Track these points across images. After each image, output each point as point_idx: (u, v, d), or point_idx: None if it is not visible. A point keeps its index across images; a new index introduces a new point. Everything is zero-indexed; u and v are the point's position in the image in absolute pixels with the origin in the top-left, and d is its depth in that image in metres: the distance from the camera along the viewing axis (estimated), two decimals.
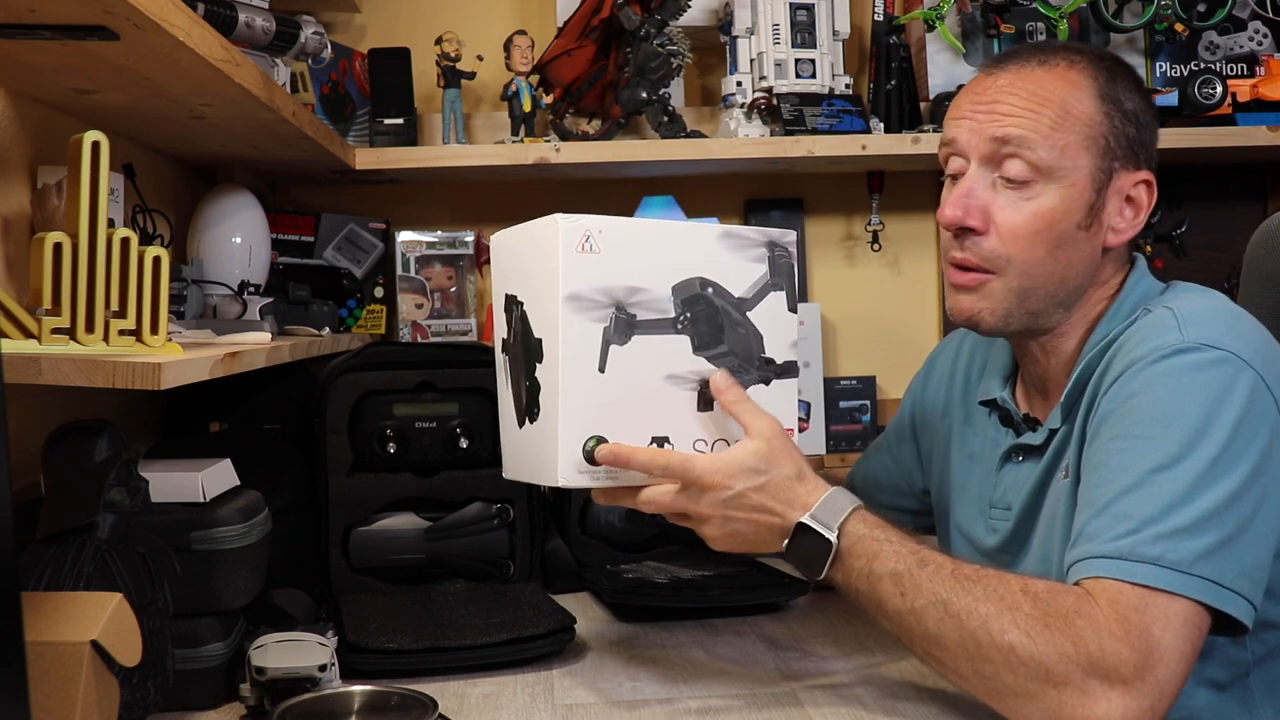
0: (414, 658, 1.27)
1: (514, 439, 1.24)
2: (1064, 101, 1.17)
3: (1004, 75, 1.20)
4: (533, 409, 1.17)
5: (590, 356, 1.12)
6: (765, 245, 1.20)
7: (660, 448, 1.14)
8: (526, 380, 1.17)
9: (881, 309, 2.29)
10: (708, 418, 1.17)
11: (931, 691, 1.19)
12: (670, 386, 1.15)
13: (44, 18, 0.99)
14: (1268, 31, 2.14)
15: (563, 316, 1.10)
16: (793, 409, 1.22)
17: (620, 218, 1.14)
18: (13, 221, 1.25)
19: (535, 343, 1.15)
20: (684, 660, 1.32)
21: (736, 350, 1.18)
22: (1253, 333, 1.12)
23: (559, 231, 1.11)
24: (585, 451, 1.12)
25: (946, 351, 1.49)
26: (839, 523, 1.11)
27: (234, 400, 1.72)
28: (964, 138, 1.20)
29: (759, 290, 1.20)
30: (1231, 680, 1.13)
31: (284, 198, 2.17)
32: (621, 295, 1.13)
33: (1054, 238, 1.17)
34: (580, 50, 2.05)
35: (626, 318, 1.13)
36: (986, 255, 1.18)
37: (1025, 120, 1.16)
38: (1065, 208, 1.17)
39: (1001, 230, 1.17)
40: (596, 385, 1.12)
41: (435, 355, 1.62)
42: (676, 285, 1.15)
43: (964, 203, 1.18)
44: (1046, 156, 1.16)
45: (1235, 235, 2.24)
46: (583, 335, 1.11)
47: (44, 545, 1.02)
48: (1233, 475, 1.02)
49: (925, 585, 1.06)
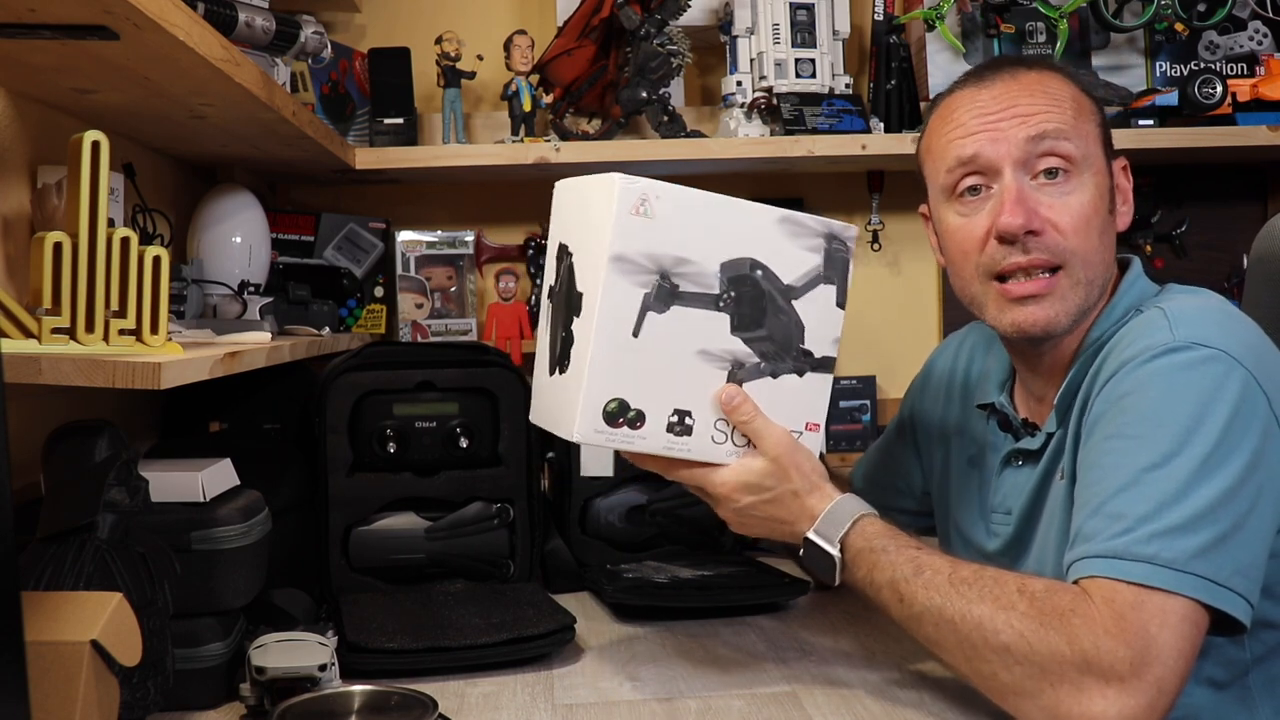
0: (414, 658, 1.27)
1: (543, 385, 1.24)
2: (1072, 93, 1.20)
3: (996, 84, 1.20)
4: (564, 360, 1.17)
5: (627, 319, 1.12)
6: (824, 237, 1.19)
7: (681, 421, 1.15)
8: (563, 331, 1.17)
9: (881, 309, 2.29)
10: None
11: (932, 691, 1.19)
12: (701, 362, 1.15)
13: (44, 18, 0.99)
14: (1268, 31, 2.14)
15: (606, 276, 1.10)
16: (823, 404, 1.21)
17: (682, 186, 1.13)
18: (13, 221, 1.25)
19: (577, 296, 1.15)
20: (684, 660, 1.32)
21: (775, 336, 1.17)
22: (1244, 331, 1.12)
23: (615, 191, 1.10)
24: (605, 412, 1.12)
25: (945, 354, 1.49)
26: (840, 535, 1.14)
27: (234, 400, 1.72)
28: (988, 149, 1.18)
29: (809, 280, 1.18)
30: (1230, 679, 1.13)
31: (284, 198, 2.17)
32: (668, 264, 1.12)
33: (1098, 225, 1.18)
34: (580, 50, 2.05)
35: (669, 287, 1.12)
36: (1053, 250, 1.16)
37: (1053, 115, 1.17)
38: (1099, 195, 1.18)
39: (1060, 225, 1.16)
40: (628, 349, 1.12)
41: (435, 355, 1.62)
42: (725, 263, 1.14)
43: (1024, 206, 1.16)
44: (1079, 147, 1.17)
45: (1235, 235, 2.25)
46: (623, 297, 1.11)
47: (44, 545, 1.02)
48: (1225, 472, 1.02)
49: (921, 592, 1.08)
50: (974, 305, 1.24)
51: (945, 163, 1.22)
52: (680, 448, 1.16)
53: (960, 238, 1.21)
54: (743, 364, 1.17)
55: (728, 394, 1.15)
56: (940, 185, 1.24)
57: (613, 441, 1.14)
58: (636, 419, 1.14)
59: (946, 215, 1.24)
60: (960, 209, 1.21)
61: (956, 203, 1.22)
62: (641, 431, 1.14)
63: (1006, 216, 1.16)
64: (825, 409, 1.21)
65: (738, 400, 1.15)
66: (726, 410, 1.15)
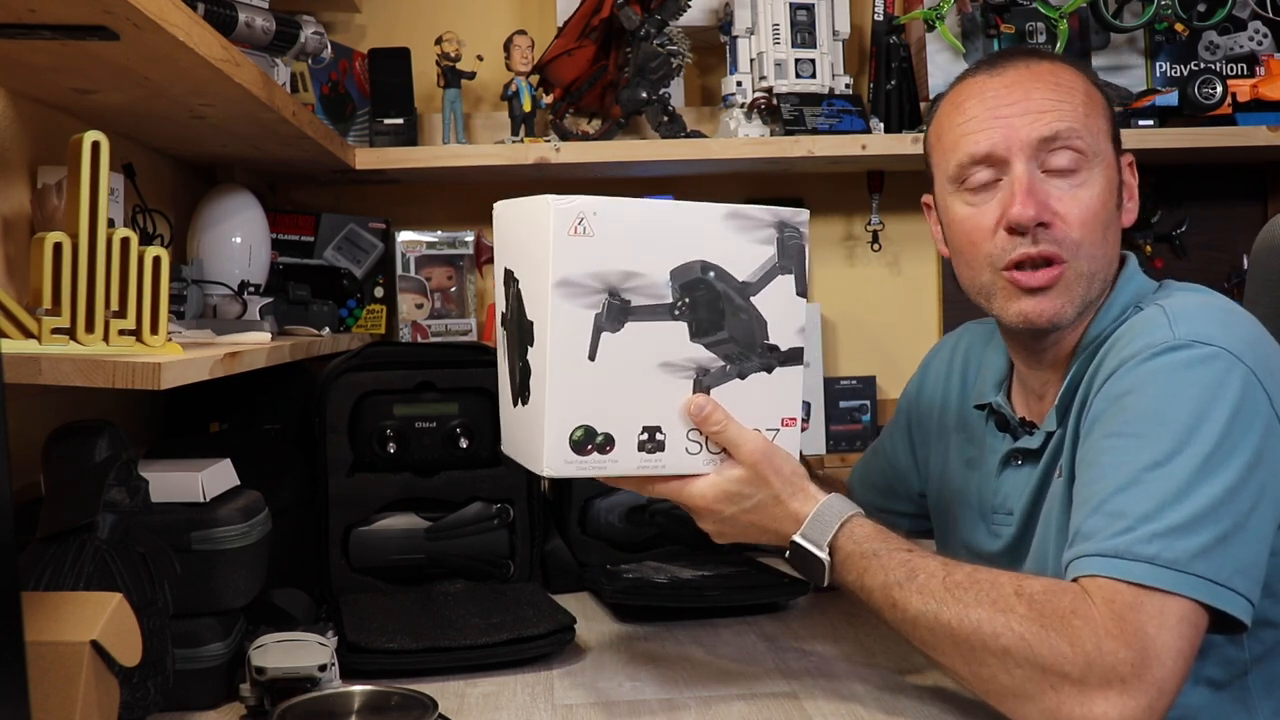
0: (414, 658, 1.27)
1: (509, 416, 1.22)
2: (1082, 88, 1.20)
3: (1008, 74, 1.20)
4: (524, 391, 1.14)
5: (580, 343, 1.08)
6: (774, 226, 1.15)
7: (651, 439, 1.12)
8: (520, 361, 1.14)
9: (881, 309, 2.29)
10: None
11: (932, 691, 1.19)
12: (665, 374, 1.12)
13: (44, 18, 0.99)
14: (1268, 31, 2.14)
15: (552, 303, 1.07)
16: (796, 398, 1.17)
17: (618, 198, 1.09)
18: (13, 221, 1.25)
19: (528, 324, 1.12)
20: (684, 660, 1.32)
21: (737, 336, 1.14)
22: (1245, 328, 1.11)
23: (550, 214, 1.06)
24: (572, 441, 1.09)
25: (941, 354, 1.49)
26: (828, 539, 1.12)
27: (234, 400, 1.72)
28: (1001, 142, 1.18)
29: (765, 273, 1.15)
30: (1229, 679, 1.13)
31: (284, 198, 2.17)
32: (616, 280, 1.08)
33: (1105, 220, 1.18)
34: (580, 50, 2.05)
35: (620, 304, 1.09)
36: (1061, 243, 1.16)
37: (1065, 109, 1.18)
38: (1108, 190, 1.19)
39: (1068, 219, 1.17)
40: (586, 373, 1.09)
41: (435, 355, 1.62)
42: (675, 269, 1.11)
43: (1035, 198, 1.16)
44: (1089, 142, 1.18)
45: (1235, 235, 2.25)
46: (573, 321, 1.08)
47: (44, 545, 1.02)
48: (1227, 471, 1.02)
49: (914, 597, 1.06)
50: (981, 295, 1.24)
51: (956, 155, 1.21)
52: (654, 465, 1.13)
53: (969, 227, 1.21)
54: (707, 370, 1.13)
55: (696, 405, 1.12)
56: (948, 175, 1.23)
57: (584, 470, 1.11)
58: (605, 443, 1.10)
59: (954, 205, 1.23)
60: (969, 199, 1.21)
61: (966, 193, 1.22)
62: (613, 455, 1.11)
63: (1018, 208, 1.16)
64: (799, 402, 1.18)
65: (707, 410, 1.12)
66: (697, 421, 1.12)
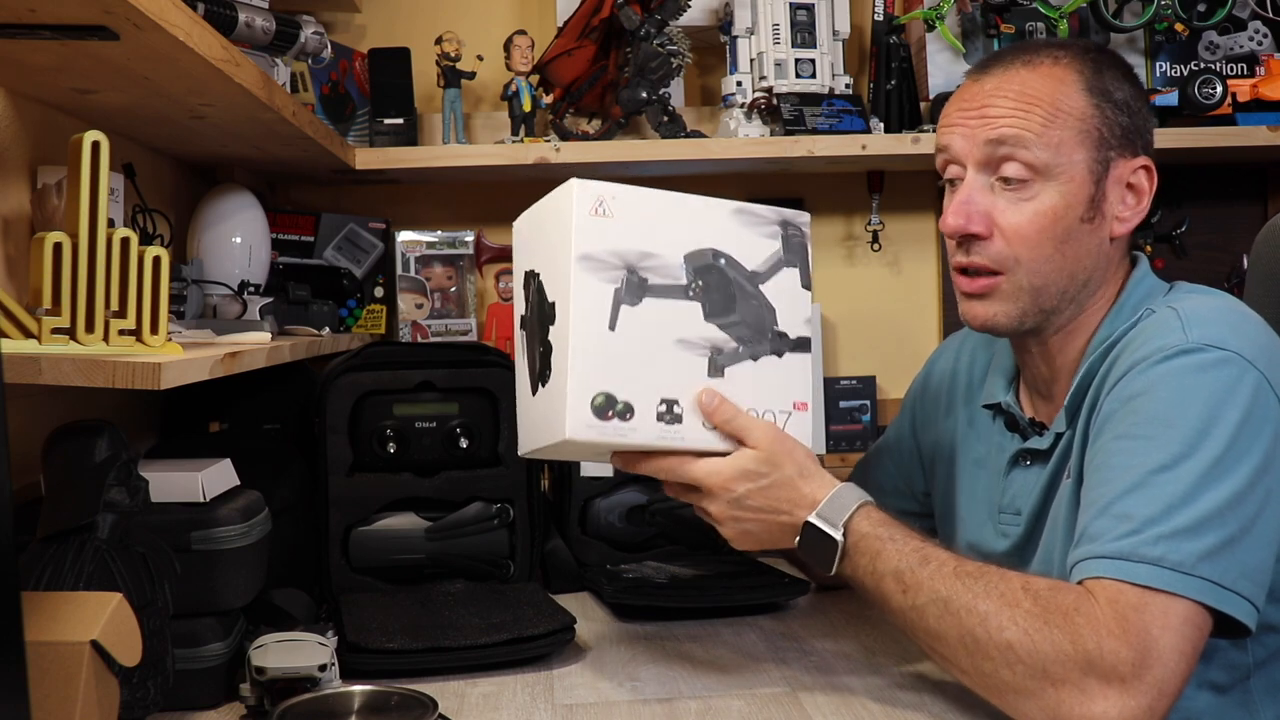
0: (414, 658, 1.27)
1: (527, 408, 1.24)
2: (1053, 98, 1.17)
3: (989, 79, 1.21)
4: (545, 372, 1.18)
5: (601, 314, 1.13)
6: (779, 224, 1.21)
7: (670, 410, 1.15)
8: (540, 346, 1.19)
9: (881, 309, 2.29)
10: (718, 385, 1.17)
11: (932, 692, 1.19)
12: (681, 350, 1.16)
13: (44, 18, 0.99)
14: (1268, 31, 2.14)
15: (574, 276, 1.13)
16: (806, 383, 1.21)
17: (634, 186, 1.16)
18: (13, 221, 1.25)
19: (549, 307, 1.17)
20: (684, 660, 1.32)
21: (748, 320, 1.19)
22: (1257, 333, 1.11)
23: (573, 194, 1.14)
24: (594, 406, 1.13)
25: (946, 353, 1.49)
26: (844, 520, 1.13)
27: (234, 400, 1.73)
28: (958, 145, 1.20)
29: (772, 265, 1.21)
30: (1232, 683, 1.13)
31: (284, 198, 2.17)
32: (634, 259, 1.15)
33: (1058, 234, 1.17)
34: (580, 50, 2.05)
35: (638, 280, 1.15)
36: (994, 257, 1.18)
37: (1017, 120, 1.17)
38: (1066, 204, 1.17)
39: (1006, 232, 1.17)
40: (607, 340, 1.13)
41: (435, 355, 1.62)
42: (689, 254, 1.17)
43: (965, 210, 1.19)
44: (1042, 155, 1.16)
45: (1235, 235, 2.25)
46: (594, 294, 1.13)
47: (44, 545, 1.02)
48: (1235, 476, 1.02)
49: (926, 583, 1.07)
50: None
51: (937, 152, 1.25)
52: (674, 436, 1.15)
53: (941, 225, 1.24)
54: (721, 349, 1.18)
55: (706, 397, 1.15)
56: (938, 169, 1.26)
57: (605, 435, 1.13)
58: (625, 411, 1.14)
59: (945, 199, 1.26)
60: (949, 195, 1.24)
61: (948, 188, 1.24)
62: (632, 423, 1.14)
63: (947, 218, 1.20)
64: (809, 389, 1.22)
65: (716, 402, 1.15)
66: (707, 414, 1.15)
